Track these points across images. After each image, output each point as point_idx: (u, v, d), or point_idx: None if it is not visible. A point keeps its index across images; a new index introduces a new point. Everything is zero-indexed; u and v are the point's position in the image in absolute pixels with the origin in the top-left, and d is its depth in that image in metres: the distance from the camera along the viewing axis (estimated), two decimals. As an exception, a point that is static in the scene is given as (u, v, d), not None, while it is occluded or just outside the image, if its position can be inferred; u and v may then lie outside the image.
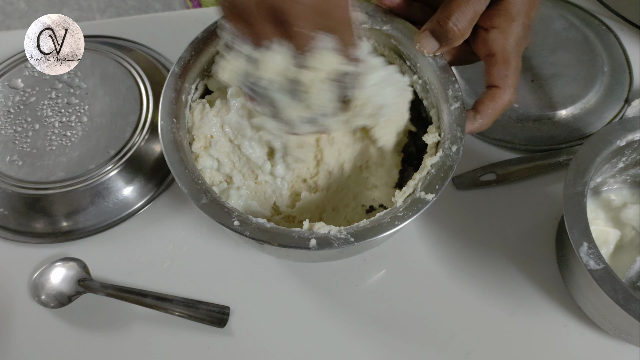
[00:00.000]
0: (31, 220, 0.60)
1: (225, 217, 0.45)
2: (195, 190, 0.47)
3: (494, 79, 0.47)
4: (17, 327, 0.56)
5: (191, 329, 0.55)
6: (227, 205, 0.46)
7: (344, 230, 0.45)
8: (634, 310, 0.44)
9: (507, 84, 0.47)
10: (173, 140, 0.48)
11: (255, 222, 0.45)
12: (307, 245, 0.44)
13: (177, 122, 0.50)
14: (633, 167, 0.57)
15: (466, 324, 0.55)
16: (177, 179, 0.47)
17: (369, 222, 0.46)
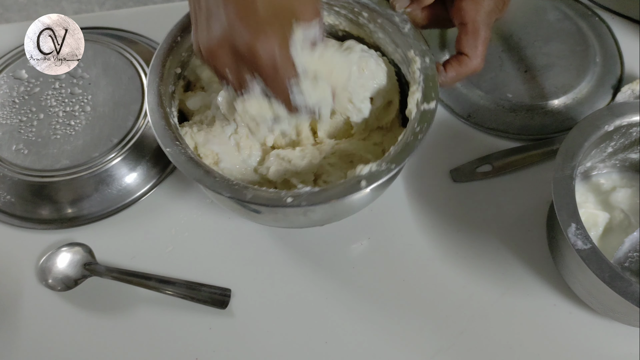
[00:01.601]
0: (37, 207, 0.62)
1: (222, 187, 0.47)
2: (190, 165, 0.48)
3: (463, 47, 0.51)
4: (25, 310, 0.58)
5: (193, 311, 0.57)
6: (222, 175, 0.48)
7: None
8: (620, 287, 0.46)
9: (475, 53, 0.50)
10: (164, 124, 0.51)
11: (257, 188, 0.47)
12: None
13: (162, 103, 0.52)
14: (622, 152, 0.58)
15: (459, 304, 0.57)
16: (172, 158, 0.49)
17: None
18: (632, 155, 0.59)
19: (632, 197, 0.59)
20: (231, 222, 0.62)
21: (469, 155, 0.65)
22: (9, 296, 0.58)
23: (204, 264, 0.60)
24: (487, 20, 0.50)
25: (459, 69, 0.51)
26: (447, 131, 0.67)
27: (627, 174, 0.61)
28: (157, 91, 0.52)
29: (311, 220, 0.56)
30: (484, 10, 0.49)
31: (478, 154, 0.65)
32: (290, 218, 0.54)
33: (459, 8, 0.50)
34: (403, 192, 0.63)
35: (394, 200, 0.63)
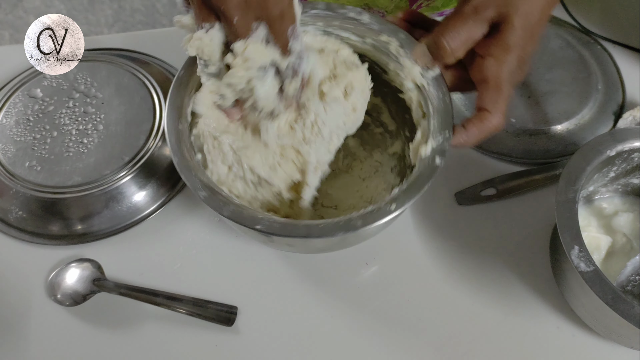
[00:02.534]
0: (48, 223, 0.63)
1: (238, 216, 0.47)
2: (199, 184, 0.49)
3: (485, 103, 0.49)
4: (33, 324, 0.58)
5: (200, 328, 0.58)
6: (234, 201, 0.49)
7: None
8: (622, 310, 0.47)
9: (497, 108, 0.49)
10: (178, 141, 0.50)
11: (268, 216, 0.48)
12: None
13: (180, 122, 0.51)
14: (624, 177, 0.59)
15: (463, 325, 0.57)
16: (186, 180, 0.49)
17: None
18: (634, 180, 0.60)
19: (634, 221, 0.60)
20: (238, 241, 0.62)
21: (474, 179, 0.66)
22: (18, 310, 0.59)
23: (211, 281, 0.60)
24: (510, 78, 0.49)
25: (481, 126, 0.49)
26: (452, 154, 0.67)
27: (629, 198, 0.62)
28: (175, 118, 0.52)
29: (320, 249, 0.57)
30: (507, 67, 0.49)
31: (482, 177, 0.66)
32: (302, 246, 0.55)
33: (480, 66, 0.49)
34: (408, 214, 0.64)
35: (399, 222, 0.64)
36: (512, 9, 0.47)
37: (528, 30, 0.48)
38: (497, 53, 0.48)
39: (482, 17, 0.48)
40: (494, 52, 0.49)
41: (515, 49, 0.48)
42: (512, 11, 0.47)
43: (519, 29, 0.48)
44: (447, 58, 0.50)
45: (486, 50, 0.49)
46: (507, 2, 0.48)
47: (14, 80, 0.70)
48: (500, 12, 0.48)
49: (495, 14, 0.48)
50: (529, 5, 0.48)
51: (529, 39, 0.49)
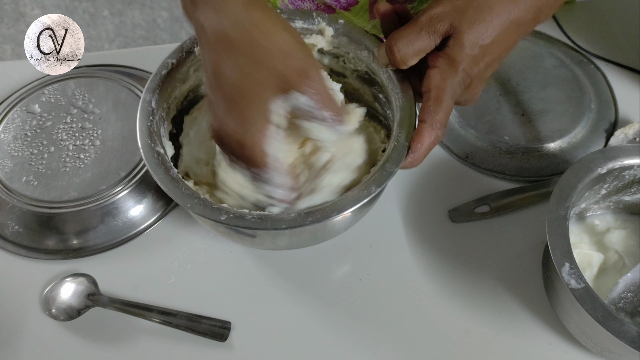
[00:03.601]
0: (44, 238, 0.64)
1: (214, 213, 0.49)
2: (183, 195, 0.50)
3: (423, 114, 0.49)
4: (28, 339, 0.58)
5: (193, 343, 0.58)
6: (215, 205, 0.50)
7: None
8: (613, 327, 0.47)
9: (435, 119, 0.49)
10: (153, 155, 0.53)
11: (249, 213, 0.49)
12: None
13: (152, 140, 0.54)
14: (615, 194, 0.60)
15: (456, 341, 0.58)
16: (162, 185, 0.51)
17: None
18: (626, 197, 0.60)
19: (626, 238, 0.60)
20: (233, 256, 0.63)
21: (467, 195, 0.67)
22: (12, 325, 0.59)
23: (205, 296, 0.61)
24: (451, 92, 0.49)
25: (419, 139, 0.49)
26: (445, 171, 0.69)
27: (621, 215, 0.62)
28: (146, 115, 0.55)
29: (292, 243, 0.59)
30: (450, 80, 0.48)
31: (475, 194, 0.66)
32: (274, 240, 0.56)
33: (427, 76, 0.50)
34: (402, 229, 0.65)
35: (392, 238, 0.64)
36: (465, 25, 0.48)
37: (479, 49, 0.48)
38: (442, 65, 0.49)
39: (435, 29, 0.48)
40: (439, 64, 0.49)
41: (461, 63, 0.48)
42: (465, 28, 0.48)
43: (468, 46, 0.48)
44: (398, 64, 0.51)
45: (434, 62, 0.49)
46: (461, 18, 0.48)
47: (13, 96, 0.71)
48: (453, 26, 0.48)
49: (448, 28, 0.48)
50: (484, 25, 0.48)
51: (479, 57, 0.49)
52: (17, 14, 2.15)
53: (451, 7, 0.48)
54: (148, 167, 0.52)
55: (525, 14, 0.49)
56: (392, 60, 0.51)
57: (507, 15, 0.48)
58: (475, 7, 0.48)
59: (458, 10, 0.48)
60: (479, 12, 0.48)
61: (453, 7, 0.48)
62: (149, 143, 0.53)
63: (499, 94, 0.73)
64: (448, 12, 0.48)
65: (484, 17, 0.48)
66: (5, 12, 2.16)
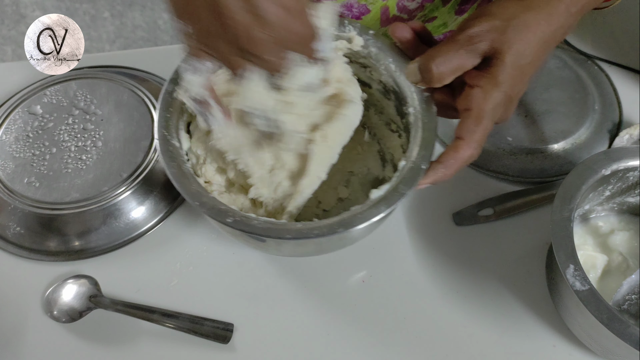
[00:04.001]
0: (45, 239, 0.63)
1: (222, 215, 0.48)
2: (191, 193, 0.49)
3: (462, 131, 0.49)
4: (29, 340, 0.58)
5: (196, 345, 0.57)
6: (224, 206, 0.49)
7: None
8: (618, 329, 0.47)
9: (473, 138, 0.48)
10: (168, 148, 0.52)
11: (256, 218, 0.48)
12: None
13: (168, 132, 0.52)
14: (619, 196, 0.60)
15: (459, 343, 0.57)
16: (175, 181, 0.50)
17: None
18: (630, 198, 0.60)
19: (631, 240, 0.60)
20: (235, 258, 0.63)
21: (470, 197, 0.66)
22: (14, 326, 0.59)
23: (208, 298, 0.60)
24: (493, 113, 0.49)
25: (455, 155, 0.49)
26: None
27: (625, 217, 0.62)
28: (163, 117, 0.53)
29: (307, 251, 0.58)
30: (492, 101, 0.48)
31: (478, 195, 0.66)
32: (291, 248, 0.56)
33: (467, 95, 0.49)
34: (405, 231, 0.64)
35: (396, 241, 0.64)
36: (506, 46, 0.47)
37: (519, 69, 0.48)
38: (485, 85, 0.48)
39: (475, 48, 0.48)
40: (483, 84, 0.48)
41: (503, 85, 0.48)
42: (506, 48, 0.47)
43: (510, 66, 0.48)
44: (434, 82, 0.50)
45: (475, 81, 0.49)
46: (502, 38, 0.48)
47: (15, 97, 0.71)
48: (494, 47, 0.48)
49: (488, 48, 0.48)
50: (522, 45, 0.48)
51: (519, 77, 0.49)
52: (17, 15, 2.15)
53: (490, 26, 0.48)
54: (161, 160, 0.51)
55: (555, 33, 0.49)
56: (426, 78, 0.51)
57: (542, 35, 0.48)
58: (514, 26, 0.48)
59: (497, 30, 0.48)
60: (518, 32, 0.48)
61: (492, 26, 0.48)
62: (165, 135, 0.52)
63: (502, 95, 0.73)
64: (487, 31, 0.48)
65: (522, 37, 0.48)
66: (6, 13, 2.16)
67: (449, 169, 0.49)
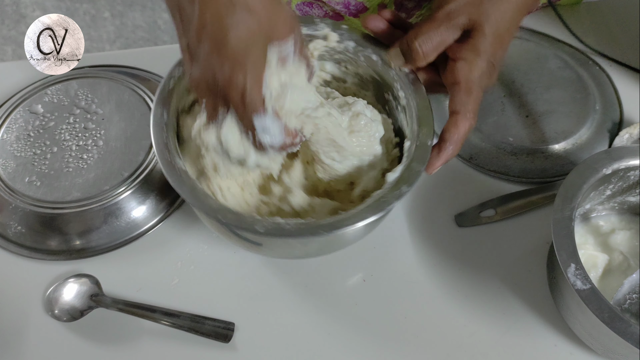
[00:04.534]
0: (46, 238, 0.63)
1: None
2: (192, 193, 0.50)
3: (456, 105, 0.51)
4: (30, 340, 0.58)
5: (197, 344, 0.57)
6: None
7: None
8: (619, 328, 0.47)
9: (467, 109, 0.51)
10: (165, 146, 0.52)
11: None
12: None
13: (167, 133, 0.53)
14: (620, 195, 0.60)
15: (461, 343, 0.57)
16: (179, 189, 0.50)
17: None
18: (631, 198, 0.60)
19: (631, 239, 0.60)
20: (236, 257, 0.63)
21: (471, 197, 0.66)
22: (15, 326, 0.59)
23: (209, 297, 0.60)
24: (480, 81, 0.51)
25: (456, 131, 0.51)
26: (449, 173, 0.68)
27: (626, 216, 0.62)
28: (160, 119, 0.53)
29: (303, 252, 0.58)
30: (478, 70, 0.51)
31: (480, 196, 0.66)
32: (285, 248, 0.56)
33: (452, 68, 0.52)
34: (406, 230, 0.64)
35: (397, 242, 0.64)
36: (484, 16, 0.50)
37: (498, 37, 0.51)
38: (468, 56, 0.51)
39: (455, 23, 0.51)
40: (466, 56, 0.51)
41: (485, 53, 0.51)
42: (484, 19, 0.50)
43: (489, 35, 0.51)
44: (419, 61, 0.52)
45: (458, 54, 0.51)
46: (478, 10, 0.51)
47: (16, 96, 0.71)
48: (472, 19, 0.51)
49: (467, 21, 0.51)
50: (499, 14, 0.51)
51: (498, 45, 0.52)
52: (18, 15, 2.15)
53: (466, 0, 0.51)
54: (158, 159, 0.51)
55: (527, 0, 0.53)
56: (411, 58, 0.53)
57: (516, 2, 0.52)
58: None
59: (474, 3, 0.51)
60: (493, 3, 0.51)
61: (468, 0, 0.51)
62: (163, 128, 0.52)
63: (504, 95, 0.73)
64: (464, 5, 0.51)
65: (498, 7, 0.51)
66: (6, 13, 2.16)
67: (455, 144, 0.51)
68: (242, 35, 0.44)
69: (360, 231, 0.55)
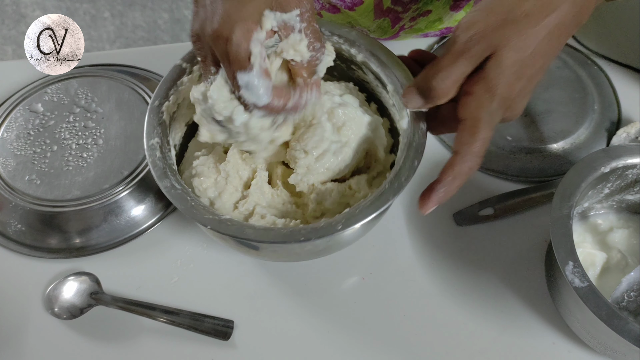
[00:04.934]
0: (46, 237, 0.63)
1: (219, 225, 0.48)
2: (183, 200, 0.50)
3: (457, 144, 0.46)
4: (30, 337, 0.58)
5: (196, 342, 0.58)
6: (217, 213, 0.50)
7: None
8: (617, 325, 0.47)
9: (469, 151, 0.45)
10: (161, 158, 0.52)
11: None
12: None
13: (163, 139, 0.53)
14: (618, 193, 0.60)
15: (459, 341, 0.58)
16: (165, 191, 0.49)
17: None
18: (629, 196, 0.60)
19: (629, 237, 0.60)
20: (235, 256, 0.63)
21: (470, 196, 0.66)
22: (15, 323, 0.59)
23: (208, 295, 0.61)
24: (489, 120, 0.45)
25: (452, 173, 0.46)
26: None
27: (624, 214, 0.62)
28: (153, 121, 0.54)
29: (300, 255, 0.58)
30: (486, 108, 0.44)
31: (479, 195, 0.66)
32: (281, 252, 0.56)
33: (462, 104, 0.45)
34: (405, 229, 0.65)
35: (396, 239, 0.64)
36: (503, 42, 0.43)
37: (517, 65, 0.44)
38: (477, 91, 0.45)
39: (473, 53, 0.44)
40: (475, 90, 0.45)
41: (498, 88, 0.44)
42: (503, 44, 0.43)
43: (507, 65, 0.44)
44: (439, 99, 0.47)
45: (469, 88, 0.45)
46: (499, 36, 0.43)
47: (16, 95, 0.71)
48: (490, 45, 0.44)
49: (486, 47, 0.44)
50: (522, 38, 0.43)
51: (518, 75, 0.44)
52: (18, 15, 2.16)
53: (485, 26, 0.44)
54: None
55: (564, 17, 0.45)
56: (429, 97, 0.47)
57: (546, 21, 0.44)
58: (511, 20, 0.43)
59: (493, 27, 0.44)
60: (515, 24, 0.43)
61: (487, 25, 0.44)
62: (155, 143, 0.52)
63: (502, 94, 0.73)
64: (483, 31, 0.44)
65: (520, 29, 0.43)
66: (6, 13, 2.16)
67: (449, 186, 0.46)
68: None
69: (359, 231, 0.55)
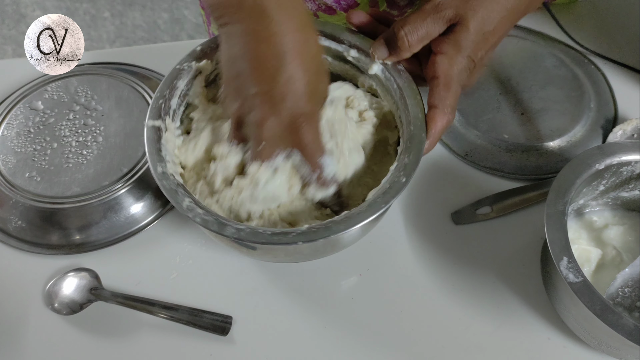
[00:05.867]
0: (47, 233, 0.64)
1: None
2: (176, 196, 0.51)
3: (434, 100, 0.52)
4: (30, 333, 0.59)
5: (195, 337, 0.58)
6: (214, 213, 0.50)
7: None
8: (611, 320, 0.47)
9: (445, 104, 0.51)
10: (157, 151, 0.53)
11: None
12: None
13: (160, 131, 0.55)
14: (613, 190, 0.60)
15: (455, 336, 0.58)
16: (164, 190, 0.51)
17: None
18: (624, 193, 0.61)
19: (624, 234, 0.61)
20: (234, 251, 0.63)
21: (466, 193, 0.67)
22: (15, 319, 0.60)
23: (207, 291, 0.61)
24: (459, 77, 0.52)
25: (434, 125, 0.52)
26: (444, 169, 0.69)
27: (619, 211, 0.63)
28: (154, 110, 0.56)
29: (297, 257, 0.59)
30: (457, 66, 0.52)
31: (475, 192, 0.67)
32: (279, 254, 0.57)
33: (432, 62, 0.52)
34: (402, 225, 0.65)
35: (393, 237, 0.65)
36: (470, 12, 0.51)
37: (482, 35, 0.52)
38: (449, 51, 0.52)
39: (441, 16, 0.51)
40: (446, 50, 0.52)
41: (466, 49, 0.52)
42: (470, 14, 0.51)
43: (473, 32, 0.51)
44: (404, 51, 0.53)
45: (439, 48, 0.52)
46: (466, 5, 0.51)
47: (16, 93, 0.72)
48: (458, 13, 0.51)
49: (454, 15, 0.51)
50: (487, 12, 0.51)
51: (481, 43, 0.52)
52: (18, 15, 2.16)
53: None
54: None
55: (519, 4, 0.53)
56: (396, 47, 0.53)
57: (506, 4, 0.52)
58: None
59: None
60: (482, 0, 0.51)
61: None
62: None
63: (499, 92, 0.74)
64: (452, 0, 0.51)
65: (486, 6, 0.51)
66: (7, 13, 2.16)
67: (432, 138, 0.52)
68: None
69: (358, 233, 0.56)
